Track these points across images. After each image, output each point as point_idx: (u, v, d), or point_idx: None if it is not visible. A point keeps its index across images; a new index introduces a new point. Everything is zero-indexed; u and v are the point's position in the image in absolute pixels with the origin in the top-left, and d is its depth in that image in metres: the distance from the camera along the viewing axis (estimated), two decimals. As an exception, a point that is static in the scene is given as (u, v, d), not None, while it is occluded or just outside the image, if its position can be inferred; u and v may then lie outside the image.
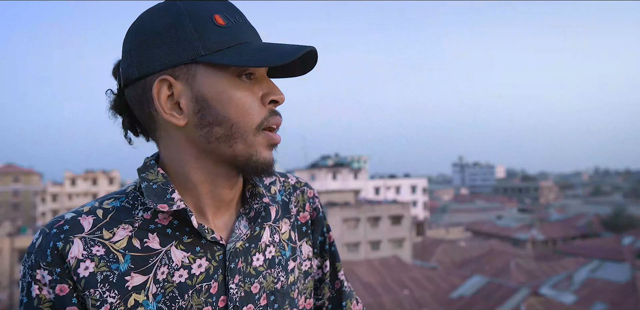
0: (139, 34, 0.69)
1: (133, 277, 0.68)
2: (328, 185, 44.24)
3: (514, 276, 23.23)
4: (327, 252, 0.92)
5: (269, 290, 0.78)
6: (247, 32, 0.70)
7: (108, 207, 0.71)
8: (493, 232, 43.96)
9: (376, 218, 32.34)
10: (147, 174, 0.73)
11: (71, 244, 0.66)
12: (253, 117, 0.69)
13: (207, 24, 0.67)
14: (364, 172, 49.10)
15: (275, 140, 0.72)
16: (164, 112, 0.68)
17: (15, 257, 29.22)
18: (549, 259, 28.63)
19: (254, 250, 0.78)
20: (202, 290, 0.71)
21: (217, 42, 0.67)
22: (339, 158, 62.41)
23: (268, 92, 0.71)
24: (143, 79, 0.69)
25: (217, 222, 0.76)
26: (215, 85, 0.68)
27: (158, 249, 0.70)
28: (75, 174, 52.98)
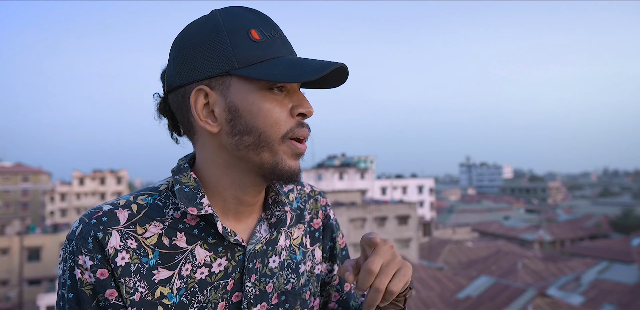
0: (181, 45, 0.75)
1: (160, 271, 0.74)
2: (334, 185, 44.22)
3: (521, 277, 23.12)
4: (337, 257, 0.98)
5: (280, 290, 0.84)
6: (281, 46, 0.75)
7: (142, 203, 0.77)
8: (500, 232, 43.74)
9: (383, 218, 32.30)
10: (180, 177, 0.78)
11: (109, 235, 0.72)
12: (280, 127, 0.73)
13: (243, 39, 0.72)
14: (370, 172, 49.03)
15: (299, 150, 0.76)
16: (200, 119, 0.74)
17: (25, 255, 29.47)
18: (557, 260, 28.43)
19: (271, 253, 0.83)
20: (219, 287, 0.77)
21: (251, 56, 0.71)
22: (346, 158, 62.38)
23: (297, 105, 0.75)
24: (183, 86, 0.75)
25: (239, 225, 0.81)
26: (247, 97, 0.72)
27: (184, 248, 0.76)
28: (84, 174, 53.31)
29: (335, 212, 14.01)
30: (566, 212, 57.21)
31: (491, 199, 76.49)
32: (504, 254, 28.53)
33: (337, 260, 0.97)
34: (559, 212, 57.20)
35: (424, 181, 53.98)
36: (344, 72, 0.76)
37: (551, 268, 25.03)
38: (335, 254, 0.97)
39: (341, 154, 63.10)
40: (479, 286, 18.88)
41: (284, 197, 0.84)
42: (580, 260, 27.05)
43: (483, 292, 18.13)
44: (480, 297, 17.76)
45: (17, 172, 59.40)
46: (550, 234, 40.72)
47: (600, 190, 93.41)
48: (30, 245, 30.91)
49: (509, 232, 43.37)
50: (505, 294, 17.11)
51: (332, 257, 0.97)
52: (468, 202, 72.28)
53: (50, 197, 52.15)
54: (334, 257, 0.97)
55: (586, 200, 71.16)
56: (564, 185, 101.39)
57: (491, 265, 26.73)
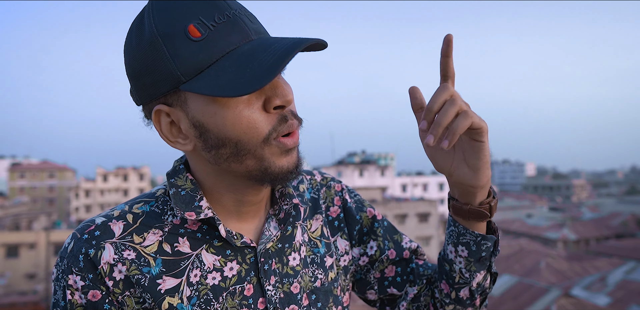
0: (126, 59, 0.67)
1: (165, 280, 0.68)
2: (355, 182, 44.14)
3: (545, 276, 22.75)
4: (369, 234, 0.88)
5: (308, 289, 0.77)
6: (229, 36, 0.61)
7: (138, 212, 0.71)
8: (522, 230, 43.09)
9: (403, 215, 32.12)
10: (176, 180, 0.72)
11: (102, 250, 0.66)
12: (257, 130, 0.64)
13: (181, 41, 0.60)
14: (390, 169, 48.82)
15: (288, 146, 0.66)
16: (169, 141, 0.67)
17: (51, 250, 30.19)
18: (582, 259, 27.88)
19: (288, 250, 0.77)
20: (235, 293, 0.70)
21: (194, 64, 0.61)
22: (366, 155, 62.23)
23: (270, 96, 0.64)
24: (146, 104, 0.68)
25: (245, 225, 0.75)
26: (207, 109, 0.63)
27: (189, 253, 0.70)
28: (107, 170, 54.31)
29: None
30: (591, 210, 56.02)
31: (513, 197, 75.40)
32: (527, 253, 28.10)
33: (371, 235, 0.87)
34: (584, 211, 56.03)
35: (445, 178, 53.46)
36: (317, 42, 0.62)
37: (576, 267, 24.55)
38: (366, 231, 0.87)
39: (361, 151, 62.95)
40: (501, 285, 18.62)
41: (291, 189, 0.77)
42: (606, 260, 26.48)
43: (505, 291, 17.88)
44: (502, 296, 17.52)
45: (44, 168, 60.86)
46: (575, 232, 39.94)
47: (627, 188, 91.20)
48: (56, 241, 31.62)
49: (531, 230, 42.70)
50: (528, 294, 16.84)
51: (364, 235, 0.87)
52: (490, 199, 71.25)
53: (75, 194, 53.27)
54: (367, 234, 0.87)
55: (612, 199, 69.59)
56: (589, 182, 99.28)
57: (513, 264, 26.34)
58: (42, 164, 62.94)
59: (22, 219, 40.37)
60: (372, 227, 0.88)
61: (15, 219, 40.03)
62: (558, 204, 71.20)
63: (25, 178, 59.91)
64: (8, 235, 32.51)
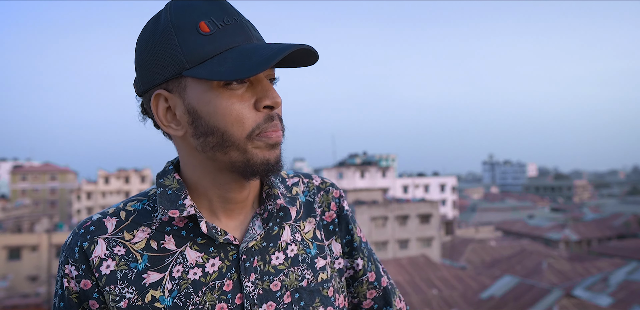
0: (138, 48, 0.74)
1: (150, 274, 0.73)
2: (356, 184, 44.13)
3: (546, 277, 22.73)
4: (358, 250, 0.91)
5: (292, 287, 0.79)
6: (234, 35, 0.69)
7: (131, 210, 0.77)
8: (524, 231, 43.06)
9: (404, 217, 32.12)
10: (164, 180, 0.77)
11: (95, 244, 0.73)
12: (243, 124, 0.69)
13: (191, 34, 0.68)
14: (392, 171, 48.82)
15: (272, 140, 0.71)
16: (163, 124, 0.73)
17: (53, 252, 30.22)
18: (583, 260, 27.85)
19: (272, 249, 0.79)
20: (215, 288, 0.74)
21: (199, 53, 0.67)
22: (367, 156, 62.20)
23: (261, 97, 0.70)
24: (147, 91, 0.74)
25: (231, 223, 0.78)
26: (203, 97, 0.69)
27: (173, 250, 0.75)
28: (109, 173, 54.37)
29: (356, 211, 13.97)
30: (593, 211, 55.93)
31: (515, 198, 75.34)
32: (529, 254, 28.08)
33: (359, 253, 0.91)
34: (586, 211, 55.94)
35: (446, 179, 53.47)
36: (310, 51, 0.70)
37: (577, 268, 24.53)
38: (355, 246, 0.91)
39: (362, 152, 62.94)
40: (502, 286, 18.62)
41: (277, 190, 0.80)
42: (608, 261, 26.44)
43: (507, 292, 17.87)
44: (504, 297, 17.52)
45: (46, 171, 60.98)
46: (577, 233, 39.87)
47: (628, 189, 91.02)
48: (58, 243, 31.64)
49: (533, 231, 42.65)
50: (530, 294, 16.83)
51: (353, 250, 0.91)
52: (491, 200, 71.31)
53: (76, 196, 53.34)
54: (355, 250, 0.91)
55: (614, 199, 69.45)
56: (590, 183, 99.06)
57: (515, 264, 26.32)
58: (43, 167, 63.03)
59: (24, 221, 40.42)
60: (360, 245, 0.92)
61: (17, 221, 40.08)
62: (560, 204, 71.08)
63: (27, 180, 60.01)
64: (10, 238, 32.56)
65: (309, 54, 0.71)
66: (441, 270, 22.62)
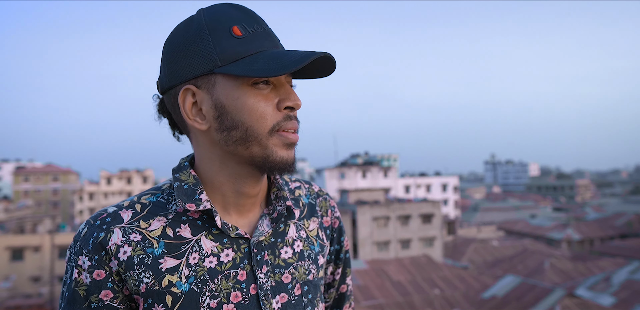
0: (169, 47, 0.78)
1: (166, 260, 0.76)
2: (358, 184, 44.14)
3: (549, 276, 22.71)
4: (342, 260, 1.00)
5: (301, 280, 0.85)
6: (263, 40, 0.75)
7: (145, 202, 0.80)
8: (526, 231, 43.00)
9: (406, 216, 32.11)
10: (180, 175, 0.80)
11: (112, 233, 0.75)
12: (266, 121, 0.75)
13: (225, 36, 0.73)
14: (393, 171, 48.78)
15: (290, 140, 0.76)
16: (188, 118, 0.77)
17: (55, 253, 30.28)
18: (586, 260, 27.79)
19: (281, 244, 0.85)
20: (230, 277, 0.78)
21: (232, 53, 0.73)
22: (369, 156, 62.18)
23: (284, 98, 0.76)
24: (173, 88, 0.78)
25: (241, 221, 0.83)
26: (232, 93, 0.74)
27: (189, 238, 0.78)
28: (111, 173, 54.43)
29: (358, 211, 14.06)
30: (595, 210, 55.80)
31: (517, 197, 75.20)
32: (531, 253, 28.05)
33: (341, 262, 1.00)
34: (588, 211, 55.82)
35: (448, 179, 53.41)
36: (330, 61, 0.76)
37: (580, 268, 24.48)
38: (340, 257, 1.00)
39: (364, 152, 62.94)
40: (504, 285, 18.60)
41: (285, 192, 0.85)
42: (610, 260, 26.38)
43: (509, 291, 17.85)
44: (506, 297, 17.50)
45: (48, 172, 61.06)
46: (579, 232, 39.80)
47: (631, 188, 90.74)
48: (61, 244, 31.70)
49: (535, 230, 42.59)
50: (532, 294, 16.81)
51: (337, 259, 0.99)
52: (493, 200, 71.19)
53: (79, 197, 53.41)
54: (339, 260, 0.99)
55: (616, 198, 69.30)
56: (592, 182, 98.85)
57: (517, 264, 26.30)
58: (46, 168, 63.12)
59: (26, 222, 40.48)
60: (345, 255, 1.01)
61: (20, 222, 40.15)
62: (562, 204, 70.99)
63: (29, 181, 60.11)
64: (13, 238, 32.63)
65: (329, 65, 0.77)
66: (443, 270, 22.61)
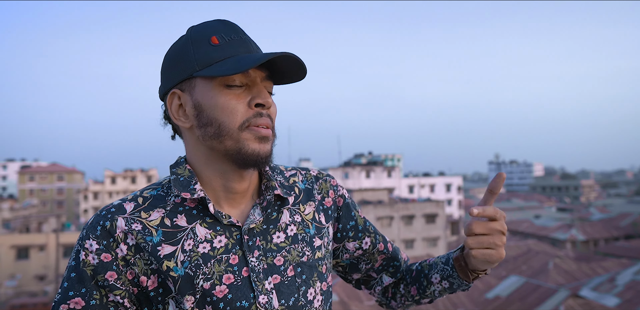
0: (164, 60, 0.90)
1: (164, 247, 0.83)
2: (361, 184, 44.13)
3: (553, 277, 22.65)
4: (363, 231, 1.06)
5: (294, 262, 0.91)
6: (238, 47, 0.84)
7: (147, 195, 0.88)
8: (530, 231, 42.85)
9: (410, 216, 32.10)
10: (177, 169, 0.90)
11: (116, 221, 0.83)
12: (236, 117, 0.83)
13: (204, 45, 0.84)
14: (397, 170, 48.73)
15: (261, 133, 0.84)
16: (174, 117, 0.88)
17: (61, 252, 30.44)
18: (590, 260, 27.71)
19: (273, 230, 0.91)
20: (222, 260, 0.84)
21: (208, 59, 0.83)
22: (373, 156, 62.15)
23: (255, 96, 0.84)
24: (167, 94, 0.89)
25: (233, 211, 0.90)
26: (207, 93, 0.84)
27: (185, 226, 0.85)
28: (115, 173, 54.66)
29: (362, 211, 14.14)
30: (600, 210, 55.54)
31: (521, 198, 75.00)
32: (535, 254, 27.98)
33: (365, 233, 1.06)
34: (593, 211, 55.55)
35: (452, 179, 53.33)
36: (297, 63, 0.84)
37: (584, 268, 24.41)
38: (361, 229, 1.06)
39: (368, 152, 62.91)
40: (508, 286, 18.58)
41: (274, 182, 0.92)
42: (615, 261, 26.29)
43: (513, 291, 17.83)
44: (509, 297, 17.48)
45: (53, 171, 61.37)
46: (583, 233, 39.66)
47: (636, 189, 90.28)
48: (66, 242, 31.86)
49: (539, 231, 42.44)
50: (535, 294, 16.79)
51: (359, 232, 1.05)
52: (497, 200, 70.76)
53: (84, 196, 53.65)
54: (362, 232, 1.06)
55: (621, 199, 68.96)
56: (597, 183, 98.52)
57: (521, 264, 26.24)
58: (51, 167, 63.43)
59: (32, 221, 40.68)
60: (365, 225, 1.07)
61: (25, 221, 40.35)
62: (566, 204, 70.70)
63: (34, 181, 60.41)
64: (18, 237, 32.82)
65: (298, 68, 0.85)
66: (447, 270, 22.54)
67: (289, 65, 0.85)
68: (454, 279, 0.98)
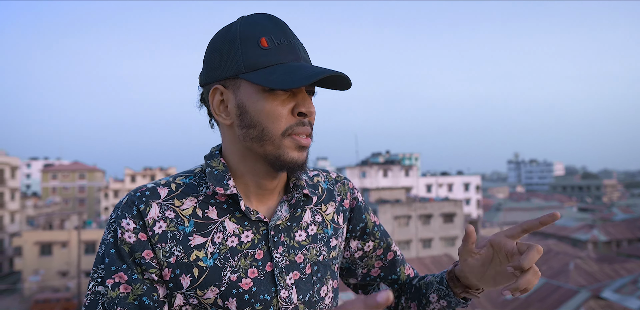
0: (208, 48, 0.88)
1: (195, 237, 0.85)
2: (379, 183, 44.02)
3: (573, 278, 22.29)
4: (369, 235, 1.09)
5: (312, 261, 0.94)
6: (287, 53, 0.84)
7: (180, 183, 0.90)
8: (550, 231, 42.19)
9: (428, 216, 31.91)
10: (211, 161, 0.91)
11: (150, 207, 0.85)
12: (280, 124, 0.83)
13: (252, 46, 0.83)
14: (415, 170, 48.46)
15: (301, 143, 0.85)
16: (215, 113, 0.88)
17: (82, 248, 31.01)
18: (612, 261, 27.18)
19: (296, 228, 0.94)
20: (248, 255, 0.87)
21: (255, 63, 0.82)
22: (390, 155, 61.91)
23: (299, 104, 0.84)
24: (208, 84, 0.88)
25: (261, 206, 0.92)
26: (253, 96, 0.84)
27: (215, 219, 0.87)
28: (135, 171, 55.41)
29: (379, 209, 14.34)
30: (623, 211, 54.43)
31: (541, 197, 73.96)
32: (555, 254, 27.56)
33: (370, 237, 1.08)
34: (615, 211, 54.46)
35: (470, 178, 52.82)
36: (344, 79, 0.84)
37: (606, 269, 23.96)
38: (367, 232, 1.08)
39: (385, 151, 62.68)
40: (528, 286, 18.31)
41: (303, 182, 0.95)
42: (638, 262, 25.74)
43: (532, 292, 17.61)
44: (529, 298, 17.28)
45: (75, 169, 62.46)
46: (605, 233, 38.91)
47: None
48: (87, 239, 32.45)
49: (560, 231, 41.77)
50: (555, 295, 16.57)
51: (365, 234, 1.08)
52: (516, 200, 70.12)
53: (104, 194, 54.55)
54: (368, 235, 1.08)
55: (645, 199, 67.43)
56: (620, 183, 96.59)
57: (541, 265, 25.87)
58: (73, 165, 64.53)
59: (54, 218, 41.54)
60: (372, 230, 1.09)
61: (48, 218, 41.22)
62: (588, 204, 69.45)
63: (57, 179, 61.59)
64: (42, 234, 33.53)
65: (344, 82, 0.85)
66: (465, 270, 22.37)
67: (334, 79, 0.85)
68: (451, 298, 1.00)
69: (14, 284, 35.20)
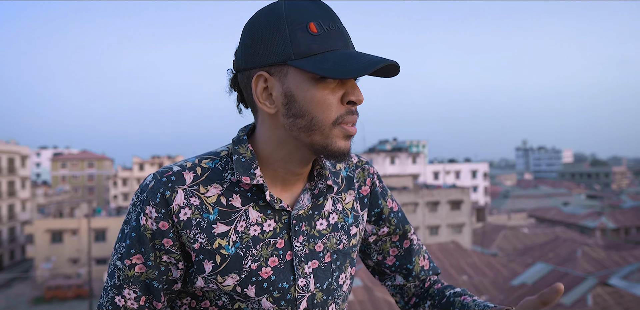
0: (249, 31, 0.84)
1: (219, 225, 0.85)
2: (386, 170, 44.00)
3: (581, 265, 22.29)
4: (385, 221, 1.07)
5: (332, 249, 0.94)
6: (337, 39, 0.81)
7: (205, 167, 0.88)
8: (558, 219, 42.12)
9: (435, 203, 31.92)
10: (239, 148, 0.89)
11: (176, 193, 0.84)
12: (330, 113, 0.81)
13: (301, 31, 0.79)
14: (422, 157, 48.35)
15: (350, 132, 0.83)
16: (259, 101, 0.83)
17: (92, 236, 31.41)
18: (620, 248, 27.13)
19: (317, 217, 0.93)
20: (269, 244, 0.87)
21: (306, 49, 0.78)
22: (397, 142, 61.80)
23: (348, 93, 0.82)
24: (248, 70, 0.84)
25: (284, 193, 0.92)
26: (302, 85, 0.80)
27: (239, 208, 0.87)
28: (143, 160, 55.73)
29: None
30: (632, 198, 54.13)
31: (549, 184, 73.60)
32: (563, 241, 27.54)
33: (385, 223, 1.07)
34: (624, 198, 54.16)
35: (478, 166, 52.65)
36: (394, 67, 0.82)
37: (614, 257, 23.92)
38: (383, 217, 1.07)
39: (393, 139, 62.58)
40: (534, 273, 18.40)
41: (327, 172, 0.93)
42: (646, 249, 25.66)
43: (539, 279, 17.65)
44: (535, 284, 17.32)
45: (84, 158, 63.01)
46: (614, 221, 38.76)
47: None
48: (97, 227, 32.86)
49: (568, 218, 41.67)
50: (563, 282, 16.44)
51: (380, 220, 1.07)
52: (524, 187, 69.85)
53: (113, 182, 55.01)
54: (383, 221, 1.07)
55: (655, 186, 66.89)
56: (629, 170, 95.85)
57: (548, 252, 25.90)
58: (81, 154, 65.10)
59: (64, 207, 42.05)
60: (389, 216, 1.08)
61: (59, 206, 41.74)
62: (596, 191, 69.10)
63: (66, 167, 62.18)
64: (52, 222, 33.99)
65: (393, 69, 0.83)
66: (472, 256, 22.48)
67: (387, 66, 0.82)
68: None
69: (27, 271, 35.82)
